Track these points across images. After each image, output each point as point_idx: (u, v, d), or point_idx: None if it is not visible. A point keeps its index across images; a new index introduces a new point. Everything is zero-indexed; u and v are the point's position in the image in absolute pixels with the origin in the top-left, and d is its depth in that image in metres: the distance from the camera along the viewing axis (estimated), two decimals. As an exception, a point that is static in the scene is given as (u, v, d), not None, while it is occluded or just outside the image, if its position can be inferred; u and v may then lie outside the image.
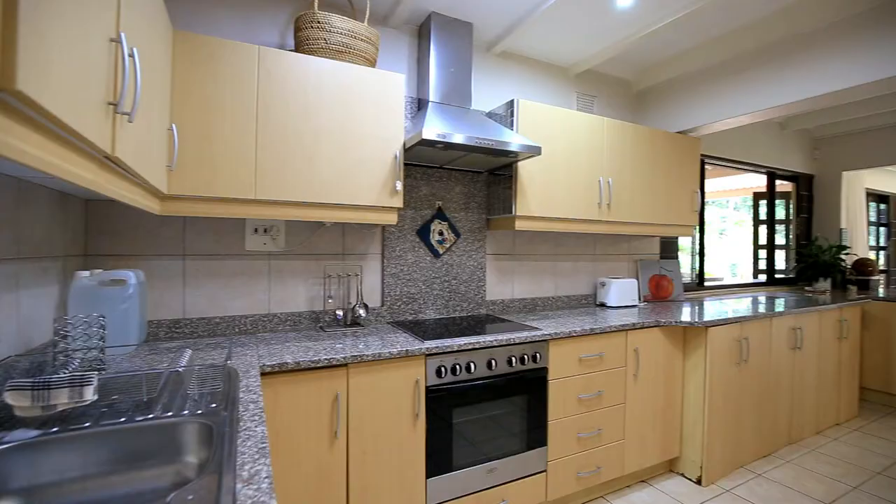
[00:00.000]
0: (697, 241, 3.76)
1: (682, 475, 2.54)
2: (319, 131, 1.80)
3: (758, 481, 2.50)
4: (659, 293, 3.20)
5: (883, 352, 3.70)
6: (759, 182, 4.56)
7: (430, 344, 1.79)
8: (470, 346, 1.85)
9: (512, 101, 2.35)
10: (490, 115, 2.53)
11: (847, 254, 4.28)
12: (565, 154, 2.46)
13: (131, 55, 0.92)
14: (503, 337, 1.94)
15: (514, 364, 1.97)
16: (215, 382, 1.19)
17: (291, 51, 1.97)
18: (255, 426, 0.96)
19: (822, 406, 3.19)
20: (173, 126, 1.52)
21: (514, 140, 2.10)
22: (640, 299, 3.10)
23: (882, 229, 5.61)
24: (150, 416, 1.01)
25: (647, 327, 2.37)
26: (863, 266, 4.29)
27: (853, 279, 4.28)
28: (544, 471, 2.06)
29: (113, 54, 0.86)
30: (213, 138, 1.63)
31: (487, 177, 2.59)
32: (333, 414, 1.60)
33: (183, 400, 1.09)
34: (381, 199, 1.94)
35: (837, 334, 3.31)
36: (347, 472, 1.63)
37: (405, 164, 2.35)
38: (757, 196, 4.60)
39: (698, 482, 2.45)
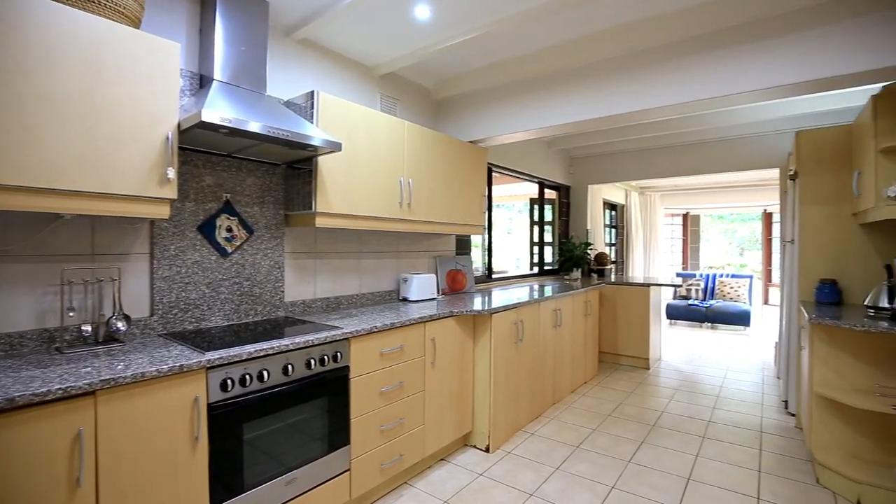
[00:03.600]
0: (486, 239, 4.27)
1: (474, 447, 2.85)
2: (51, 97, 1.40)
3: (531, 440, 2.99)
4: (455, 286, 3.52)
5: (612, 323, 4.86)
6: (534, 190, 5.45)
7: (214, 355, 1.58)
8: (263, 353, 1.71)
9: (312, 93, 2.26)
10: (288, 104, 2.37)
11: (591, 249, 5.47)
12: (368, 152, 2.48)
13: None
14: (301, 339, 1.85)
15: (313, 366, 1.89)
16: None
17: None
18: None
19: (574, 370, 4.00)
20: None
21: (313, 133, 2.02)
22: (438, 292, 3.35)
23: (613, 230, 7.35)
24: None
25: (442, 318, 2.57)
26: (601, 258, 5.54)
27: (595, 269, 5.49)
28: (348, 470, 2.05)
29: None
30: None
31: (286, 170, 2.43)
32: (74, 457, 1.27)
33: None
34: (148, 189, 1.62)
35: (584, 312, 4.19)
36: (96, 525, 1.32)
37: (183, 149, 2.02)
38: (532, 201, 5.49)
39: (487, 450, 2.79)
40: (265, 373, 1.72)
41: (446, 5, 2.31)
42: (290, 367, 1.81)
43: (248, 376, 1.67)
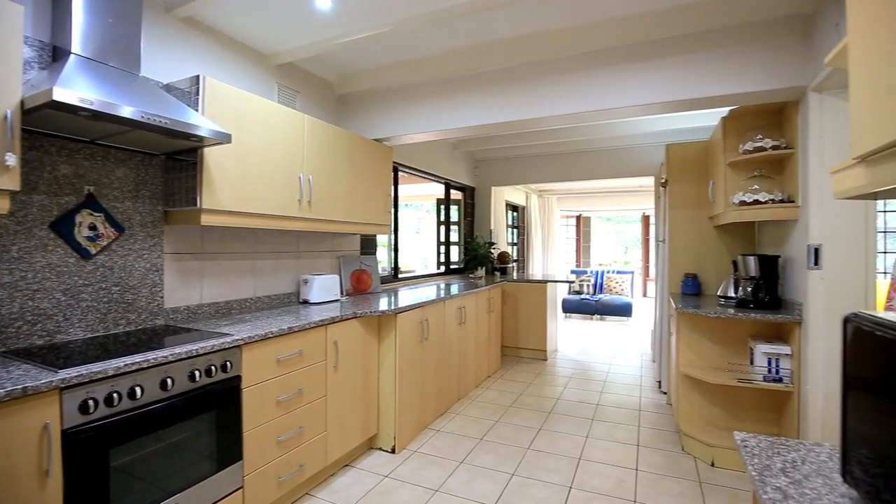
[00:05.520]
0: (393, 239, 4.24)
1: (380, 449, 2.81)
2: None
3: (437, 436, 3.02)
4: (360, 286, 3.45)
5: (514, 318, 5.11)
6: (441, 190, 5.53)
7: (70, 373, 1.36)
8: (135, 367, 1.51)
9: (198, 77, 2.05)
10: (169, 88, 2.13)
11: (495, 248, 5.71)
12: (263, 146, 2.32)
13: None
14: (184, 349, 1.67)
15: (198, 378, 1.72)
16: None
17: None
18: None
19: (479, 365, 4.13)
20: None
21: (198, 122, 1.83)
22: (342, 294, 3.25)
23: (515, 230, 7.74)
24: None
25: (345, 320, 2.50)
26: (503, 257, 5.80)
27: (498, 267, 5.73)
28: (241, 487, 1.90)
29: None
30: None
31: (166, 161, 2.18)
32: None
33: None
34: (-24, 177, 1.35)
35: (487, 309, 4.36)
36: None
37: (30, 132, 1.72)
38: (439, 201, 5.57)
39: (393, 451, 2.77)
40: (138, 389, 1.53)
41: (348, -2, 2.24)
42: (169, 380, 1.62)
43: (115, 395, 1.46)
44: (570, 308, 8.00)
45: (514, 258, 7.28)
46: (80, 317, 1.87)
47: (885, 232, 3.21)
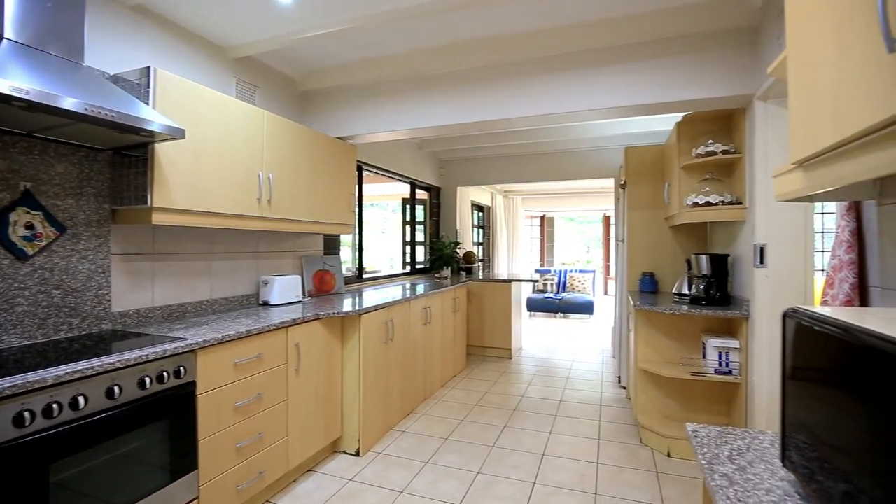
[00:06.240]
0: (357, 238, 4.18)
1: (344, 452, 2.77)
2: None
3: (402, 437, 3.01)
4: (323, 287, 3.38)
5: (479, 317, 5.15)
6: (407, 190, 5.50)
7: (1, 384, 1.26)
8: (78, 375, 1.42)
9: (148, 69, 1.95)
10: (116, 79, 2.02)
11: (460, 248, 5.73)
12: (220, 142, 2.23)
13: None
14: (133, 355, 1.58)
15: (149, 385, 1.63)
16: None
17: None
18: None
19: (444, 364, 4.14)
20: None
21: (148, 116, 1.74)
22: (304, 295, 3.18)
23: (480, 230, 7.80)
24: None
25: (307, 321, 2.44)
26: (469, 257, 5.83)
27: (464, 267, 5.76)
28: (196, 498, 1.82)
29: None
30: None
31: (113, 156, 2.07)
32: None
33: None
34: None
35: (453, 308, 4.37)
36: None
37: (-45, 123, 1.58)
38: (405, 201, 5.54)
39: (357, 454, 2.73)
40: (81, 399, 1.43)
41: (309, -8, 2.19)
42: (116, 388, 1.53)
43: (56, 406, 1.37)
44: (534, 307, 8.14)
45: (480, 258, 7.34)
46: (16, 322, 1.74)
47: (822, 232, 3.45)
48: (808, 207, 2.25)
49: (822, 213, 3.49)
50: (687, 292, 3.07)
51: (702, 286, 2.80)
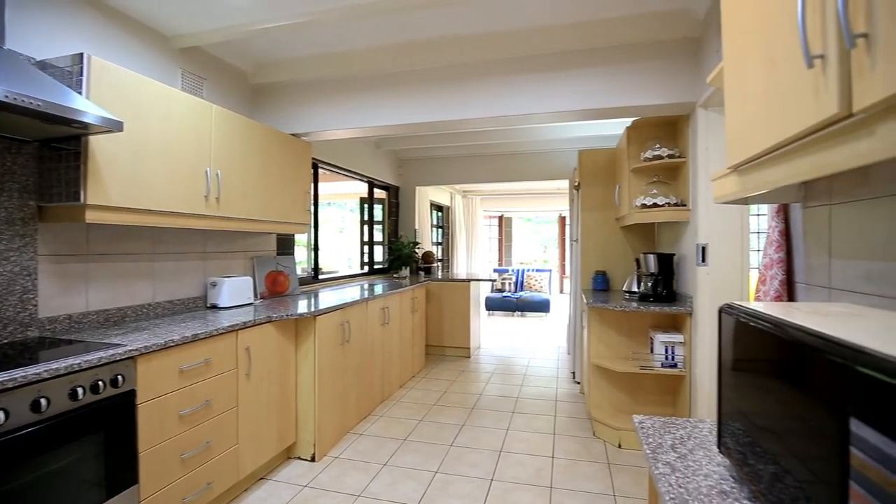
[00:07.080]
0: (313, 238, 4.08)
1: (299, 458, 2.69)
2: None
3: (359, 440, 2.96)
4: (276, 289, 3.27)
5: (438, 317, 5.16)
6: (365, 189, 5.43)
7: None
8: (-2, 387, 1.30)
9: (81, 56, 1.81)
10: (44, 65, 1.86)
11: (419, 248, 5.71)
12: (163, 136, 2.11)
13: None
14: (62, 364, 1.47)
15: (81, 396, 1.52)
16: None
17: None
18: None
19: (403, 365, 4.11)
20: None
21: (81, 107, 1.61)
22: (256, 297, 3.06)
23: (440, 230, 7.82)
24: None
25: (259, 324, 2.35)
26: (428, 257, 5.83)
27: (423, 267, 5.75)
28: (136, 514, 1.71)
29: None
30: None
31: (40, 149, 1.90)
32: None
33: None
34: None
35: (412, 308, 4.35)
36: None
37: None
38: (363, 200, 5.46)
39: (313, 459, 2.66)
40: (1, 413, 1.31)
41: (260, -18, 2.11)
42: (43, 401, 1.41)
43: (-30, 421, 1.25)
44: (492, 306, 8.25)
45: (439, 258, 7.35)
46: (-76, 331, 1.57)
47: (757, 233, 3.70)
48: (744, 209, 2.41)
49: (758, 215, 3.74)
50: (636, 290, 3.21)
51: (650, 284, 2.93)
